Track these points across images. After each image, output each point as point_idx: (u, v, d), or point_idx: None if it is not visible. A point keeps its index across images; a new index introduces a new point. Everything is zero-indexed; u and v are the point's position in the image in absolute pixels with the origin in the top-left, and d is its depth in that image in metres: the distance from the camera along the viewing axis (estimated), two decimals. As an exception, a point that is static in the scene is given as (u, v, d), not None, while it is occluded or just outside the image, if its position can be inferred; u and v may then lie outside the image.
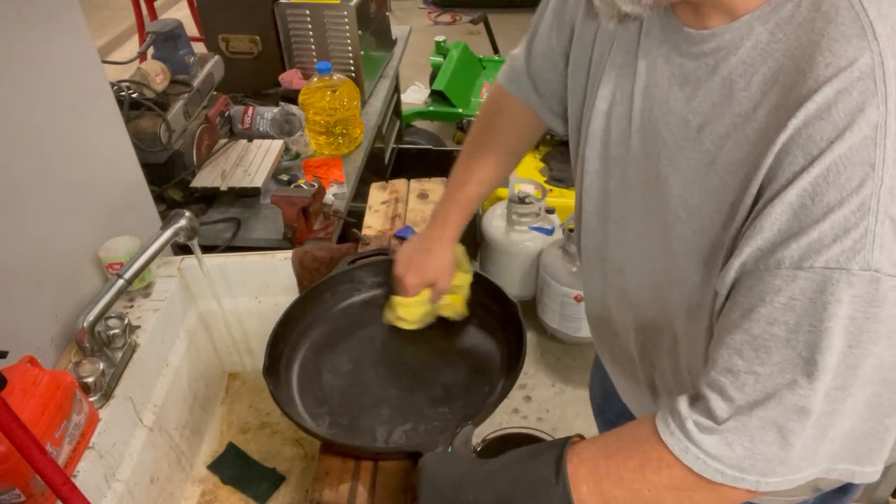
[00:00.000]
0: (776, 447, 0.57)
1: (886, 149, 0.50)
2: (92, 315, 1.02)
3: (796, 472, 0.58)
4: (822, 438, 0.57)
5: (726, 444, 0.58)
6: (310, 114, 1.83)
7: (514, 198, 2.19)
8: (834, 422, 0.56)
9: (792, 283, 0.53)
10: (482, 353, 1.11)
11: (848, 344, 0.53)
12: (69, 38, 1.13)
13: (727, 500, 0.61)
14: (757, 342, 0.56)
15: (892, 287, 0.50)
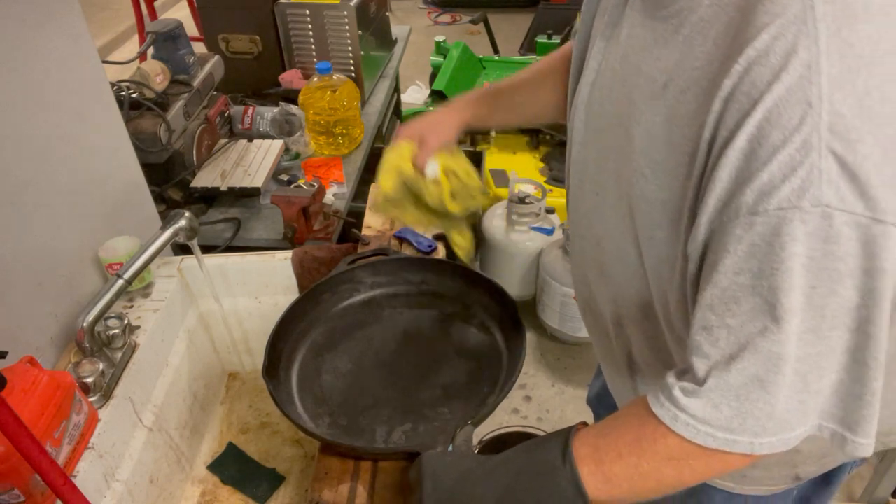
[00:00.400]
0: (761, 402, 0.57)
1: (821, 86, 0.51)
2: (92, 315, 1.02)
3: (787, 429, 0.58)
4: (805, 389, 0.57)
5: (713, 405, 0.58)
6: (310, 114, 1.83)
7: (514, 198, 2.19)
8: (814, 370, 0.56)
9: (750, 229, 0.54)
10: (482, 353, 1.11)
11: (810, 284, 0.53)
12: (69, 38, 1.13)
13: (726, 465, 0.61)
14: (726, 294, 0.56)
15: (845, 222, 0.51)
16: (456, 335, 1.15)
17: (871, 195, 0.50)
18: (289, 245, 1.47)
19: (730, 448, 0.59)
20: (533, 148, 2.83)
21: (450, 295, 1.21)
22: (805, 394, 0.57)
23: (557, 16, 3.46)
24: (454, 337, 1.15)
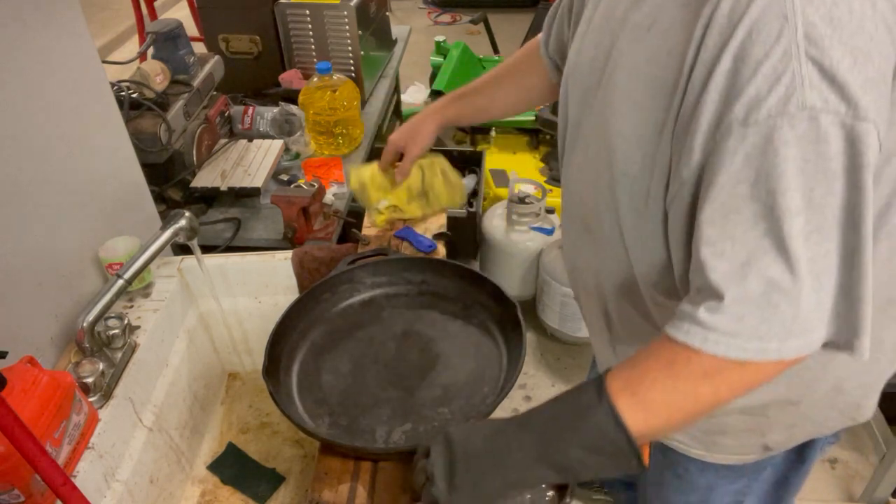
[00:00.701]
0: (783, 305, 0.58)
1: (794, 1, 0.55)
2: (92, 315, 1.02)
3: (811, 330, 0.59)
4: (821, 289, 0.59)
5: (737, 318, 0.59)
6: (310, 114, 1.83)
7: (514, 198, 2.20)
8: (825, 270, 0.58)
9: (744, 140, 0.57)
10: (482, 353, 1.11)
11: (808, 185, 0.56)
12: (69, 38, 1.13)
13: (759, 374, 0.62)
14: (725, 207, 0.59)
15: (832, 122, 0.54)
16: (456, 335, 1.15)
17: (850, 95, 0.54)
18: (289, 245, 1.47)
19: (761, 356, 0.60)
20: (533, 148, 2.83)
21: (450, 295, 1.21)
22: (822, 293, 0.59)
23: (557, 16, 3.45)
24: (454, 337, 1.15)
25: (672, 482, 1.06)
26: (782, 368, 0.62)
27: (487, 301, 1.17)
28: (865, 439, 1.95)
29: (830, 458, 1.93)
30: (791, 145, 0.55)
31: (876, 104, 0.55)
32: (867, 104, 0.54)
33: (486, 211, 2.36)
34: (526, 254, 2.23)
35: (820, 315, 0.60)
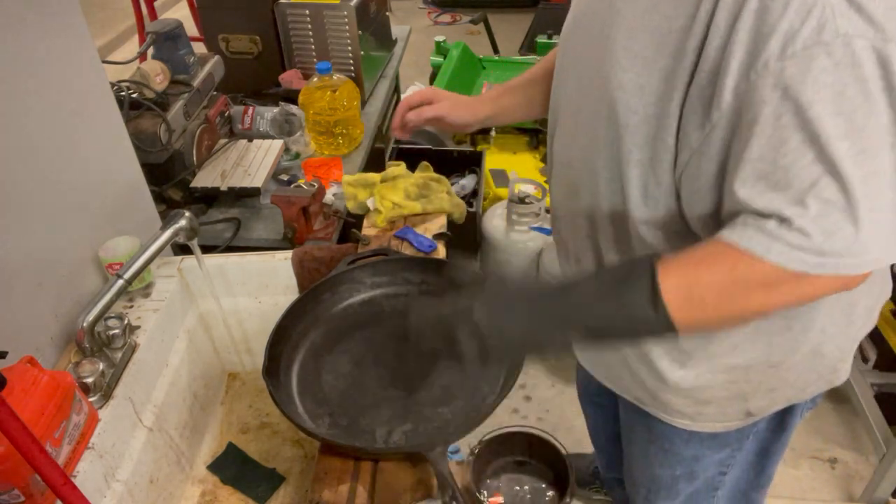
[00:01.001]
0: (842, 222, 0.60)
1: None
2: (92, 315, 1.02)
3: (868, 250, 0.61)
4: (874, 207, 0.60)
5: (803, 234, 0.61)
6: (310, 114, 1.83)
7: (514, 198, 2.19)
8: (876, 190, 0.60)
9: (782, 74, 0.59)
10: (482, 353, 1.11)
11: (850, 109, 0.58)
12: (69, 38, 1.13)
13: (815, 289, 0.64)
14: (772, 140, 0.61)
15: (865, 47, 0.57)
16: (456, 335, 1.15)
17: (877, 21, 0.57)
18: (289, 245, 1.47)
19: (820, 270, 0.61)
20: (533, 148, 2.83)
21: (450, 295, 1.21)
22: (878, 213, 0.60)
23: (557, 16, 3.45)
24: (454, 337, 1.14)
25: (658, 456, 1.08)
26: (837, 286, 0.64)
27: (487, 301, 1.16)
28: (865, 439, 1.95)
29: (830, 458, 1.93)
30: (829, 72, 0.58)
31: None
32: (893, 28, 0.58)
33: (486, 211, 2.36)
34: (526, 254, 2.23)
35: (877, 233, 0.61)
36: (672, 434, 1.01)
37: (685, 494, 1.13)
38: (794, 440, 1.97)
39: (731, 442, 1.01)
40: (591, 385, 1.38)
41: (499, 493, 1.80)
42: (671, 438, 1.02)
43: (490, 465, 1.85)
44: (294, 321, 1.15)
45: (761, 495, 1.18)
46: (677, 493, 1.13)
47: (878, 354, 1.88)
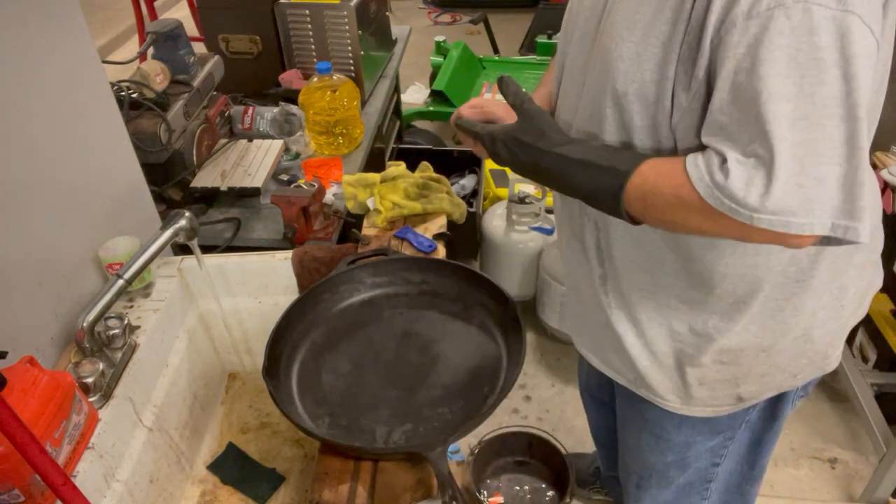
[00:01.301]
0: (759, 178, 0.63)
1: None
2: (92, 315, 1.02)
3: (786, 211, 0.63)
4: (802, 173, 0.62)
5: (727, 179, 0.65)
6: (310, 114, 1.83)
7: (514, 198, 2.20)
8: (810, 156, 0.62)
9: (746, 32, 0.63)
10: (482, 353, 1.11)
11: (799, 73, 0.61)
12: (69, 38, 1.13)
13: (744, 233, 0.68)
14: (729, 95, 0.65)
15: (824, 16, 0.60)
16: (456, 335, 1.15)
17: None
18: (289, 245, 1.47)
19: (733, 215, 0.65)
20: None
21: (450, 295, 1.21)
22: (802, 177, 0.62)
23: (557, 16, 3.46)
24: (454, 337, 1.15)
25: (650, 443, 1.10)
26: (771, 238, 0.66)
27: (487, 301, 1.17)
28: (865, 439, 1.95)
29: (830, 458, 1.93)
30: (785, 35, 0.61)
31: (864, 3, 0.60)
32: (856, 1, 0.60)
33: (486, 211, 2.36)
34: (526, 254, 2.23)
35: (800, 200, 0.62)
36: (663, 419, 1.03)
37: (677, 484, 1.14)
38: (794, 440, 1.97)
39: (722, 429, 1.03)
40: (592, 381, 1.42)
41: (499, 493, 1.80)
42: (663, 424, 1.04)
43: (490, 465, 1.85)
44: (294, 321, 1.15)
45: (755, 489, 1.18)
46: (669, 481, 1.14)
47: (878, 354, 1.88)
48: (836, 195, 0.63)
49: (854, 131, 0.62)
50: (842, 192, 0.63)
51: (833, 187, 0.62)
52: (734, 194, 0.64)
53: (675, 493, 1.17)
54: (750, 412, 1.02)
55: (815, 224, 0.63)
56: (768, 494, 1.84)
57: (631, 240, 0.89)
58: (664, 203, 0.72)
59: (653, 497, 1.20)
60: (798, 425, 2.03)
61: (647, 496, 1.20)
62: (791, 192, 0.62)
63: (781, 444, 1.97)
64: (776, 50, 0.61)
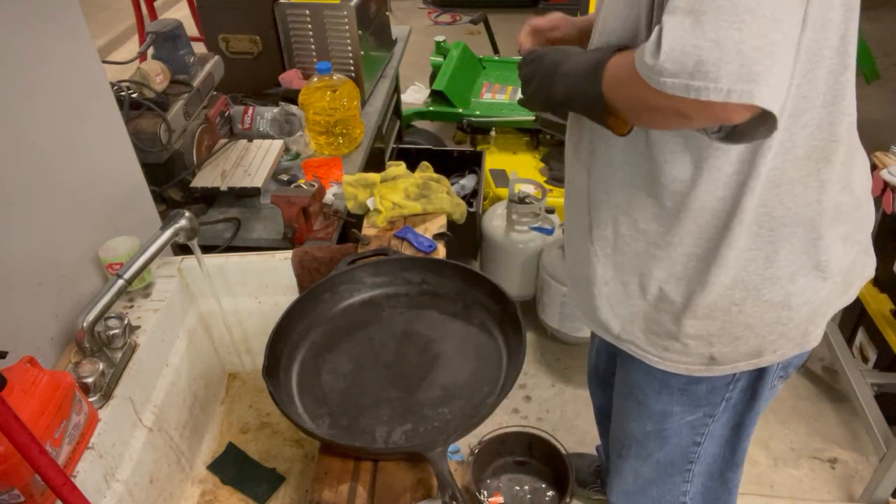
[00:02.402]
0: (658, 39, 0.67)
1: None
2: (92, 315, 1.02)
3: (674, 74, 0.66)
4: (702, 35, 0.64)
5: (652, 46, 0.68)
6: (310, 114, 1.83)
7: (514, 198, 2.20)
8: (710, 21, 0.64)
9: None
10: (482, 353, 1.11)
11: None
12: (69, 38, 1.13)
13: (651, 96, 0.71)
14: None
15: None
16: (456, 335, 1.15)
17: None
18: (289, 245, 1.47)
19: (645, 79, 0.69)
20: (533, 148, 2.83)
21: (450, 295, 1.21)
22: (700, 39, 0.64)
23: (557, 16, 3.45)
24: (454, 337, 1.15)
25: (632, 410, 1.14)
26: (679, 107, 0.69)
27: (487, 301, 1.17)
28: (865, 439, 1.95)
29: (830, 458, 1.93)
30: None
31: None
32: None
33: (486, 211, 2.36)
34: (526, 254, 2.23)
35: (693, 60, 0.64)
36: (645, 385, 1.08)
37: (657, 460, 1.17)
38: (794, 440, 1.97)
39: (701, 403, 1.06)
40: (600, 362, 1.44)
41: (499, 493, 1.80)
42: (644, 390, 1.09)
43: (490, 465, 1.85)
44: (294, 321, 1.15)
45: (737, 477, 1.20)
46: (648, 453, 1.17)
47: (878, 354, 1.88)
48: (732, 59, 0.63)
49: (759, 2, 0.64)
50: (739, 56, 0.63)
51: (730, 51, 0.63)
52: (642, 55, 0.69)
53: (657, 471, 1.19)
54: (730, 389, 1.04)
55: (710, 88, 0.64)
56: (768, 494, 1.84)
57: (614, 182, 0.94)
58: (626, 76, 0.76)
59: (634, 469, 1.22)
60: (798, 425, 2.03)
61: (628, 466, 1.23)
62: (687, 52, 0.64)
63: (781, 444, 1.97)
64: None
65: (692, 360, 1.00)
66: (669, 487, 1.20)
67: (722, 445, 1.14)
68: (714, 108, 0.66)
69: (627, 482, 1.25)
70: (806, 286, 0.92)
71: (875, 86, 2.90)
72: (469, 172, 2.60)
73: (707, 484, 1.21)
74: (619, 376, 1.18)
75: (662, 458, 1.16)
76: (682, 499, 1.21)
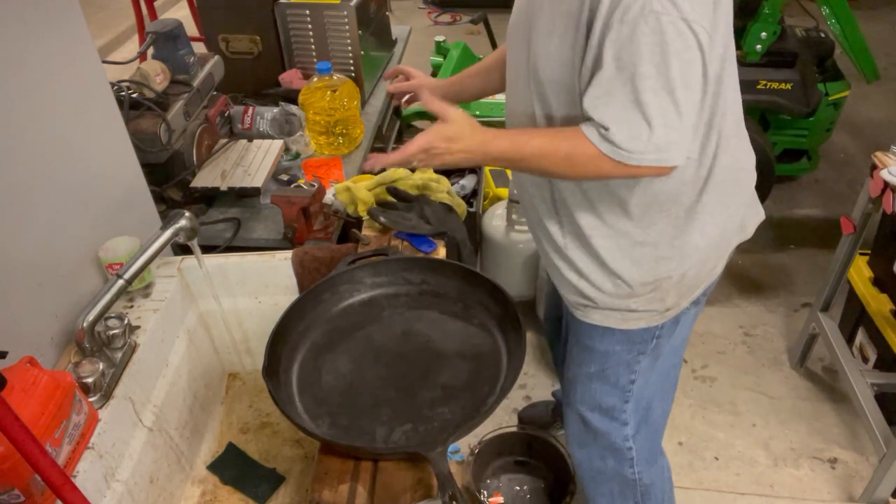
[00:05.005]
0: (641, 129, 0.91)
1: None
2: (92, 315, 1.02)
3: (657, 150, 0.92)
4: (667, 124, 0.91)
5: (613, 137, 0.93)
6: (310, 114, 1.83)
7: (514, 197, 2.19)
8: (670, 114, 0.90)
9: (619, 33, 0.88)
10: (482, 353, 1.11)
11: (655, 61, 0.88)
12: (69, 38, 1.13)
13: (631, 171, 0.95)
14: (609, 74, 0.91)
15: (668, 21, 0.86)
16: (456, 335, 1.15)
17: (678, 4, 0.86)
18: (289, 245, 1.47)
19: (627, 160, 0.93)
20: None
21: (450, 295, 1.21)
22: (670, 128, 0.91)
23: (557, 16, 3.45)
24: (454, 337, 1.15)
25: (580, 355, 1.27)
26: (652, 172, 0.96)
27: (487, 301, 1.17)
28: (865, 439, 1.95)
29: (830, 458, 1.93)
30: (646, 35, 0.87)
31: (696, 10, 0.87)
32: (689, 9, 0.86)
33: (486, 211, 2.36)
34: (526, 254, 2.23)
35: (667, 139, 0.91)
36: (590, 329, 1.21)
37: (599, 403, 1.29)
38: (794, 440, 1.97)
39: (636, 341, 1.20)
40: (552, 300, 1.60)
41: (499, 493, 1.80)
42: (590, 334, 1.22)
43: (490, 465, 1.85)
44: (294, 321, 1.15)
45: (667, 407, 1.38)
46: (592, 395, 1.29)
47: (878, 354, 1.88)
48: (687, 136, 0.94)
49: (690, 99, 0.91)
50: (685, 138, 0.93)
51: (687, 131, 0.93)
52: (626, 146, 0.92)
53: (601, 416, 1.30)
54: (660, 326, 1.19)
55: (676, 157, 0.93)
56: (768, 494, 1.84)
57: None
58: (566, 155, 0.98)
59: (580, 417, 1.33)
60: (798, 425, 2.03)
61: (573, 414, 1.34)
62: (665, 134, 0.91)
63: (781, 444, 1.97)
64: (641, 46, 0.87)
65: (651, 314, 1.16)
66: (614, 432, 1.31)
67: (652, 378, 1.26)
68: (669, 169, 0.96)
69: (579, 431, 1.36)
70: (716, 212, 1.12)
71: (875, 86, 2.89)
72: (469, 172, 2.59)
73: (643, 424, 1.33)
74: (571, 326, 1.29)
75: (605, 401, 1.28)
76: (627, 443, 1.32)
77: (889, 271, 1.80)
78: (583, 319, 1.21)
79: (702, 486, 1.87)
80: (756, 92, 2.54)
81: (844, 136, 3.37)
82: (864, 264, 1.93)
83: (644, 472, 1.36)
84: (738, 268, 2.62)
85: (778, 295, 2.51)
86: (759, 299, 2.50)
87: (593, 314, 1.19)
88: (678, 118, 0.90)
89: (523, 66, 1.07)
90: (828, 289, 2.00)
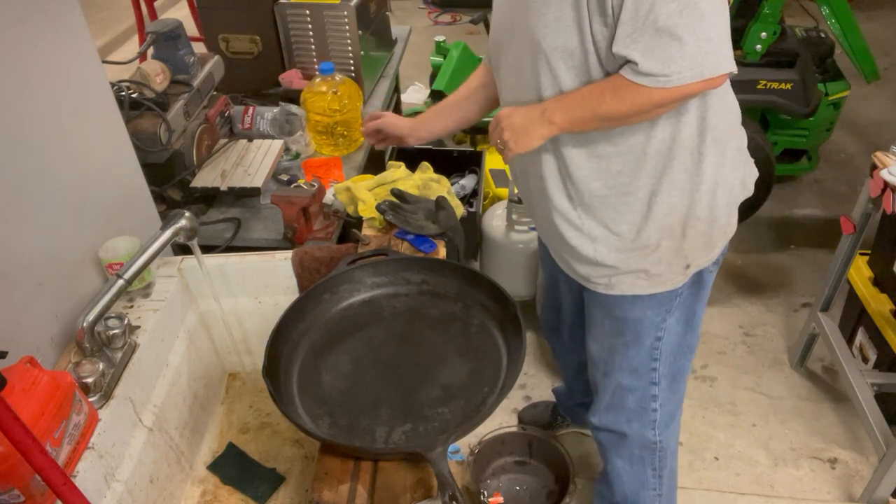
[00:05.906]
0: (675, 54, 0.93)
1: None
2: (92, 315, 1.02)
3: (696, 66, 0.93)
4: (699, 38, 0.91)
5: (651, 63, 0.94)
6: (310, 114, 1.83)
7: (513, 197, 2.19)
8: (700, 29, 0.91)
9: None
10: (482, 353, 1.11)
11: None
12: (69, 38, 1.13)
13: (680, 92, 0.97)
14: (632, 14, 0.92)
15: None
16: (456, 335, 1.15)
17: None
18: (289, 245, 1.47)
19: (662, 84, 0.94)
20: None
21: (450, 295, 1.21)
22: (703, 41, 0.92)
23: (557, 16, 3.45)
24: (454, 337, 1.15)
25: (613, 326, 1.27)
26: (676, 93, 0.96)
27: (487, 301, 1.17)
28: (865, 439, 1.95)
29: (830, 458, 1.93)
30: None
31: None
32: None
33: (486, 211, 2.36)
34: (526, 254, 2.23)
35: (704, 52, 0.92)
36: (619, 301, 1.22)
37: (630, 366, 1.30)
38: (794, 440, 1.97)
39: (663, 302, 1.21)
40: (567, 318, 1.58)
41: (499, 493, 1.80)
42: (620, 305, 1.22)
43: (490, 465, 1.85)
44: (294, 321, 1.15)
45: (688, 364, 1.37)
46: (629, 360, 1.29)
47: (878, 354, 1.88)
48: (725, 44, 0.95)
49: (716, 4, 0.93)
50: (724, 44, 0.95)
51: (723, 39, 0.95)
52: (656, 74, 0.94)
53: (631, 377, 1.31)
54: (683, 285, 1.20)
55: (719, 66, 0.94)
56: (768, 494, 1.84)
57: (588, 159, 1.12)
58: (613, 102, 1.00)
59: (616, 382, 1.33)
60: (798, 425, 2.03)
61: (612, 382, 1.34)
62: (699, 49, 0.92)
63: (781, 444, 1.97)
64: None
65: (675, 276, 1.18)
66: (642, 392, 1.33)
67: (678, 334, 1.27)
68: (719, 79, 0.98)
69: (613, 397, 1.37)
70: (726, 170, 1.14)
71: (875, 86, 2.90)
72: (469, 172, 2.59)
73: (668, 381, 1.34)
74: (593, 309, 1.30)
75: (636, 362, 1.29)
76: (653, 404, 1.34)
77: (889, 271, 1.80)
78: (609, 293, 1.21)
79: (702, 486, 1.87)
80: (756, 92, 2.54)
81: (844, 136, 3.37)
82: (864, 264, 1.93)
83: (663, 434, 1.39)
84: (738, 268, 2.62)
85: (778, 295, 2.51)
86: (759, 299, 2.50)
87: (619, 284, 1.19)
88: (710, 28, 0.91)
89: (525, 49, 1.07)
90: (828, 289, 1.99)
